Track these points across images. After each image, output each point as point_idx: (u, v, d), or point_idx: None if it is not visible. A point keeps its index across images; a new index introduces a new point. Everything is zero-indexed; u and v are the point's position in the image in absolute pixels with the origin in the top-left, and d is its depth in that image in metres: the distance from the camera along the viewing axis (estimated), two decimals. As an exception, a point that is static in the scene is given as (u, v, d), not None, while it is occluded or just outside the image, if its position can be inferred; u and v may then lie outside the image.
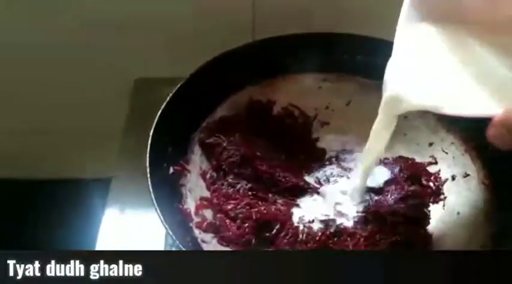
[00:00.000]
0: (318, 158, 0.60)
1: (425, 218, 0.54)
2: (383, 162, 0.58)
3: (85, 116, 0.79)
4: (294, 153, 0.61)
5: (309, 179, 0.58)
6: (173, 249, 0.57)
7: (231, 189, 0.55)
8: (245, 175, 0.56)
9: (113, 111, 0.72)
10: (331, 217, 0.54)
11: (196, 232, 0.50)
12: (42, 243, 0.81)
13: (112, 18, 0.69)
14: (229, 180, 0.56)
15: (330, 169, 0.59)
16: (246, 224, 0.52)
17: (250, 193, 0.55)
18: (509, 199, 0.50)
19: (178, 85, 0.55)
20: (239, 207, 0.53)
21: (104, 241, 0.58)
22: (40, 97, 0.78)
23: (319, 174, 0.59)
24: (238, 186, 0.55)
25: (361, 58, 0.61)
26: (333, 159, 0.60)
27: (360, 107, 0.61)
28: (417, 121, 0.59)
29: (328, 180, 0.58)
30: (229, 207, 0.53)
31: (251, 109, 0.61)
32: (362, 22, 0.66)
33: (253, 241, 0.51)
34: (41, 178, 0.87)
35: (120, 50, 0.72)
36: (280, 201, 0.55)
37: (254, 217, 0.52)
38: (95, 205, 0.66)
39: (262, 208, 0.53)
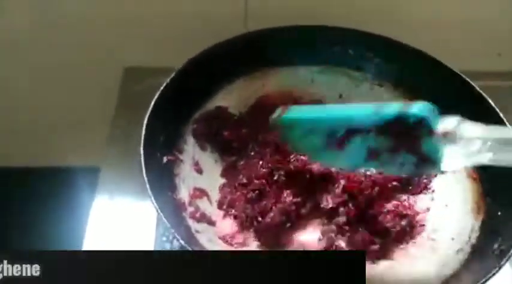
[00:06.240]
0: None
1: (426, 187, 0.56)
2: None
3: (75, 103, 0.78)
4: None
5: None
6: (164, 239, 0.58)
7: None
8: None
9: (102, 99, 0.71)
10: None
11: (190, 221, 0.50)
12: (30, 232, 0.80)
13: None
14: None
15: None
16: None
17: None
18: (495, 191, 0.51)
19: (172, 75, 0.54)
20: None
21: (93, 230, 0.58)
22: (29, 84, 0.76)
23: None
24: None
25: (353, 51, 0.61)
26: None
27: (352, 100, 0.61)
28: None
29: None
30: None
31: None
32: (353, 15, 0.67)
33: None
34: (29, 166, 0.86)
35: (111, 38, 0.71)
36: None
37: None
38: (84, 194, 0.65)
39: None
